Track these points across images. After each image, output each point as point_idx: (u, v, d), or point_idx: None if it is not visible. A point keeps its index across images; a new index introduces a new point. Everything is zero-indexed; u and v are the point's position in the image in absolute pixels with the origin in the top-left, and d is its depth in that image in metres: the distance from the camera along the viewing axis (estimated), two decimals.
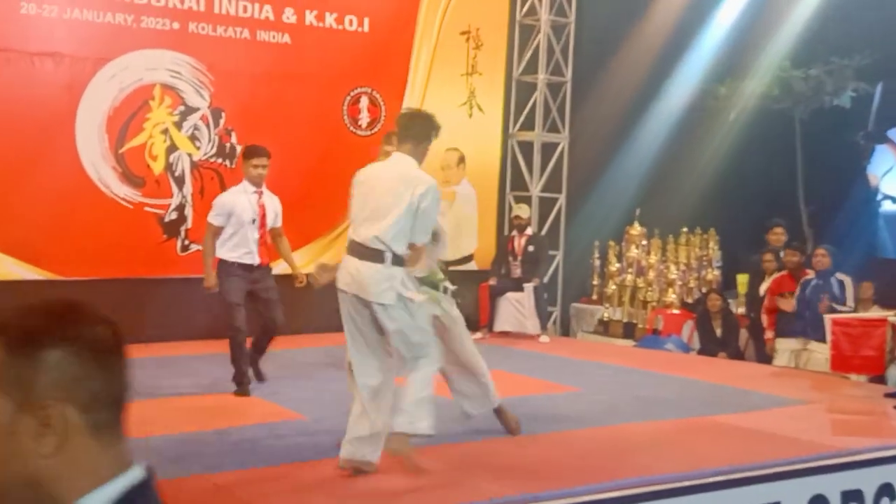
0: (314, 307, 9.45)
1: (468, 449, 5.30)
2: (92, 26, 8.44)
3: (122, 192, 8.68)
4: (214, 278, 6.60)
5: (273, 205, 6.92)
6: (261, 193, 6.80)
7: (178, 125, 8.99)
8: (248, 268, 6.62)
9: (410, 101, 10.10)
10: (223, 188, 9.11)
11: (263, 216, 6.75)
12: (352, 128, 9.81)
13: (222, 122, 9.16)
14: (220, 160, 9.18)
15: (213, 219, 6.66)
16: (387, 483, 4.61)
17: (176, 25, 8.82)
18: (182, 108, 8.93)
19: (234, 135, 9.22)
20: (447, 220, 10.51)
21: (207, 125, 9.10)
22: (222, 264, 6.61)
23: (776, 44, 10.94)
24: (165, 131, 8.88)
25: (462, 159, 10.39)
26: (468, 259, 10.46)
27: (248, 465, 4.83)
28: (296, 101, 9.41)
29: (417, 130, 4.79)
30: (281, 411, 6.10)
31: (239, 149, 9.20)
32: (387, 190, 4.65)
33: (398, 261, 4.58)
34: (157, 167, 8.88)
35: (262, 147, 6.97)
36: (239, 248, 6.59)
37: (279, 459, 4.97)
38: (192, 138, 9.06)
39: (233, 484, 4.50)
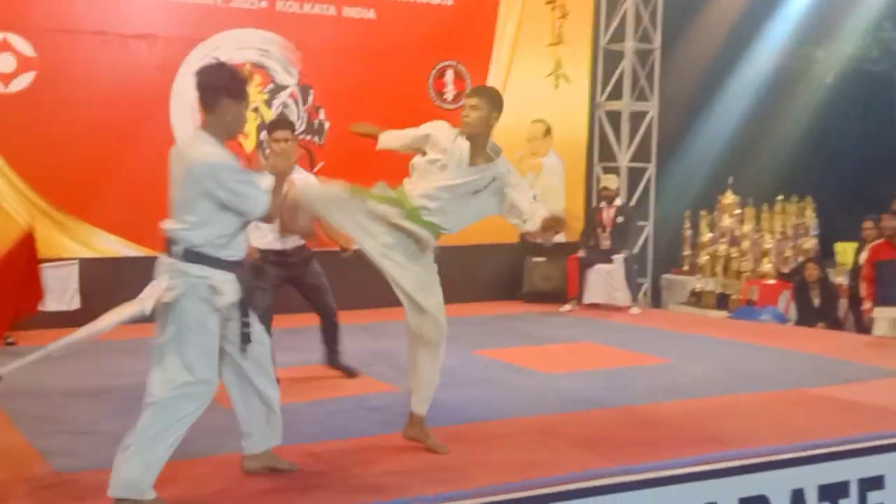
0: None
1: (557, 420, 5.30)
2: (184, 7, 8.63)
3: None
4: (253, 249, 5.73)
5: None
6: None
7: (268, 103, 9.14)
8: (282, 253, 6.00)
9: (495, 74, 10.07)
10: (312, 165, 9.26)
11: None
12: (437, 101, 9.82)
13: (311, 99, 9.28)
14: (309, 137, 9.30)
15: None
16: (493, 455, 4.64)
17: (264, 4, 8.95)
18: (271, 85, 9.07)
19: (322, 111, 9.32)
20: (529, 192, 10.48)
21: (296, 102, 9.23)
22: (259, 253, 5.93)
23: (874, 3, 10.52)
24: (256, 109, 9.04)
25: (548, 131, 10.33)
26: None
27: (345, 436, 4.92)
28: (382, 76, 9.46)
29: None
30: (374, 383, 6.18)
31: (328, 125, 9.33)
32: None
33: None
34: (249, 145, 9.05)
35: (285, 119, 6.35)
36: (269, 233, 5.86)
37: (374, 430, 5.05)
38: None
39: (329, 452, 4.59)
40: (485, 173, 4.65)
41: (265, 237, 5.86)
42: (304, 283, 6.18)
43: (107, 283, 8.38)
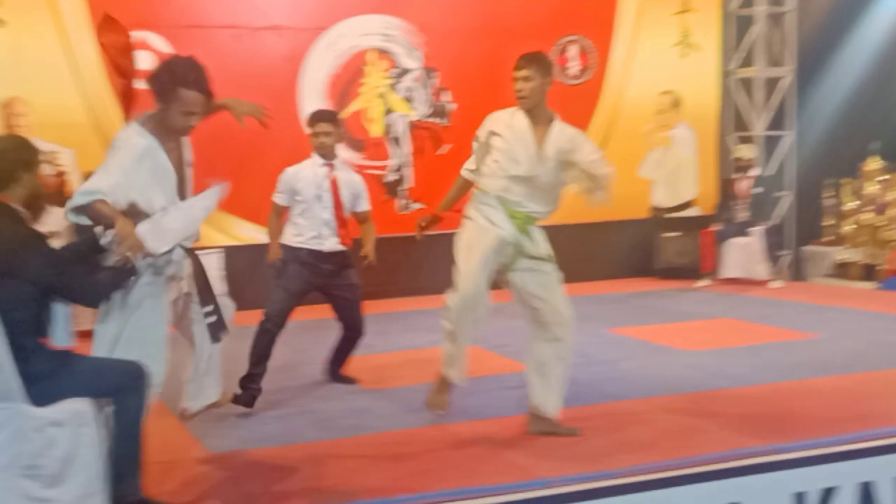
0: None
1: (700, 398, 5.15)
2: None
3: (344, 155, 8.98)
4: (277, 248, 5.52)
5: (351, 183, 5.65)
6: (332, 167, 5.56)
7: (393, 87, 9.20)
8: (317, 255, 5.45)
9: (620, 46, 9.85)
10: (437, 147, 9.30)
11: (336, 193, 5.53)
12: (561, 77, 9.66)
13: (436, 81, 9.28)
14: (434, 119, 9.32)
15: (276, 197, 5.60)
16: (635, 434, 4.56)
17: None
18: (396, 70, 9.12)
19: (446, 93, 9.32)
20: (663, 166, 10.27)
21: (421, 85, 9.25)
22: (287, 250, 5.49)
23: None
24: (382, 95, 9.11)
25: (677, 102, 10.05)
26: (688, 205, 10.12)
27: (483, 417, 4.91)
28: (505, 55, 9.28)
29: None
30: (510, 363, 6.15)
31: (452, 107, 9.33)
32: None
33: None
34: (376, 130, 9.14)
35: (327, 111, 5.96)
36: (306, 231, 5.47)
37: (512, 411, 5.02)
38: (407, 99, 9.25)
39: (468, 434, 4.59)
40: (550, 146, 4.52)
41: (301, 235, 5.47)
42: (335, 293, 5.52)
43: (248, 269, 8.66)
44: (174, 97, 3.85)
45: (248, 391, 5.20)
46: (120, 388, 3.52)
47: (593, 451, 4.30)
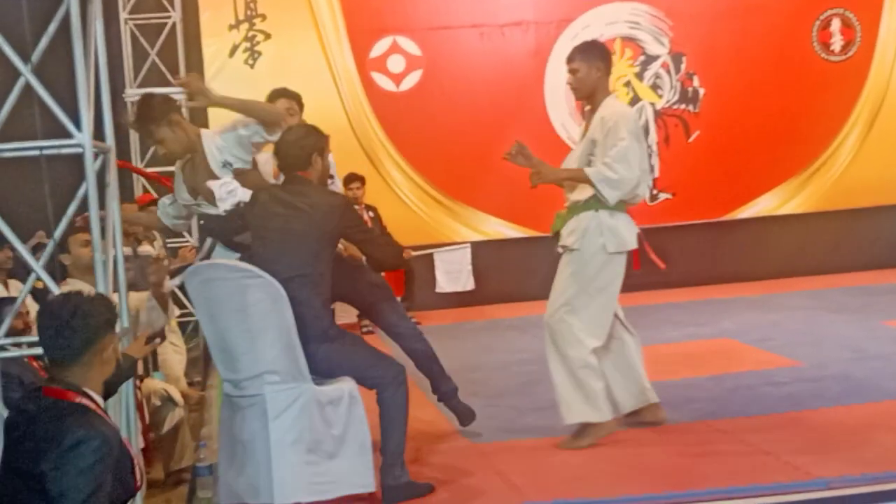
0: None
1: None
2: None
3: (573, 149, 8.92)
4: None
5: None
6: None
7: (640, 76, 9.00)
8: None
9: (891, 18, 9.11)
10: (687, 135, 8.99)
11: None
12: (823, 54, 9.07)
13: (683, 66, 9.00)
14: (683, 106, 9.03)
15: None
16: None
17: None
18: (643, 57, 8.92)
19: (696, 78, 9.01)
20: None
21: (668, 72, 9.00)
22: None
23: None
24: (628, 83, 8.94)
25: None
26: None
27: (750, 413, 4.68)
28: (760, 34, 8.93)
29: None
30: (774, 358, 5.84)
31: (702, 92, 8.99)
32: None
33: None
34: None
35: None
36: None
37: (780, 407, 4.75)
38: (654, 87, 9.03)
39: (736, 430, 4.38)
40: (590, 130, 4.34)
41: None
42: (353, 297, 4.67)
43: (495, 264, 8.81)
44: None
45: None
46: (384, 381, 3.73)
47: (878, 451, 3.97)
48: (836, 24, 9.07)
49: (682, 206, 8.96)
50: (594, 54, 4.41)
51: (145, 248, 6.22)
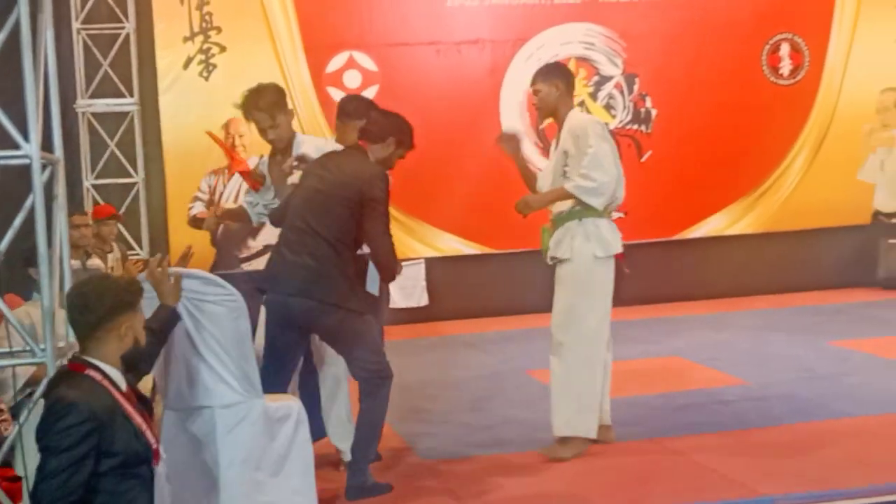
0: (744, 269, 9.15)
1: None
2: (509, 9, 8.82)
3: (544, 165, 8.94)
4: None
5: None
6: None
7: (594, 96, 9.09)
8: None
9: (838, 42, 9.29)
10: (640, 155, 9.10)
11: None
12: (773, 78, 9.24)
13: (636, 87, 9.10)
14: (636, 126, 9.13)
15: None
16: (869, 454, 4.26)
17: None
18: (596, 78, 9.01)
19: (648, 99, 9.12)
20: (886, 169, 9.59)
21: (621, 92, 9.10)
22: None
23: None
24: (582, 103, 9.01)
25: None
26: None
27: (698, 431, 4.73)
28: (711, 56, 9.07)
29: None
30: (723, 377, 5.91)
31: (654, 113, 9.11)
32: None
33: None
34: None
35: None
36: None
37: (728, 425, 4.81)
38: (607, 107, 9.11)
39: (685, 448, 4.43)
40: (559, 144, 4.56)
41: None
42: None
43: (450, 280, 8.81)
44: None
45: None
46: (380, 373, 3.92)
47: (822, 468, 4.03)
48: (785, 49, 9.25)
49: (633, 225, 8.97)
50: (554, 74, 4.59)
51: (94, 262, 6.14)
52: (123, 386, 2.77)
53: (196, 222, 8.42)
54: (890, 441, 4.42)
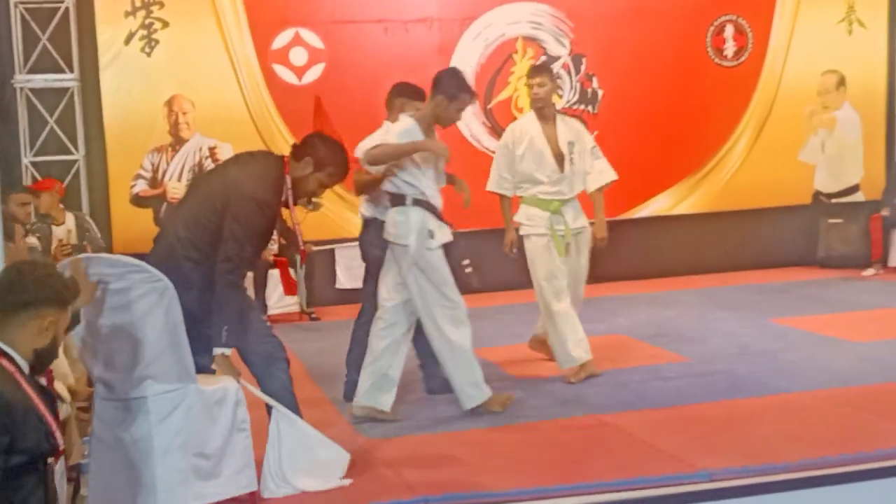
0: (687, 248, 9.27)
1: (874, 392, 4.86)
2: None
3: (492, 145, 8.95)
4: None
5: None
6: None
7: None
8: None
9: (781, 25, 9.43)
10: None
11: None
12: (717, 59, 9.34)
13: (583, 68, 9.14)
14: (582, 107, 9.17)
15: None
16: (802, 429, 4.35)
17: None
18: (544, 57, 9.01)
19: (595, 80, 9.16)
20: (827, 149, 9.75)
21: (569, 72, 9.13)
22: None
23: None
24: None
25: (841, 82, 9.53)
26: (854, 189, 9.59)
27: (638, 407, 4.80)
28: (657, 37, 9.13)
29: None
30: (665, 354, 6.00)
31: (601, 93, 9.16)
32: None
33: None
34: None
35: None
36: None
37: (668, 401, 4.89)
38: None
39: (626, 424, 4.49)
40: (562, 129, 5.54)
41: None
42: None
43: None
44: (458, 97, 4.73)
45: None
46: (269, 355, 3.78)
47: (758, 443, 4.11)
48: (729, 31, 9.35)
49: (580, 205, 9.10)
50: (551, 72, 5.67)
51: (31, 240, 6.03)
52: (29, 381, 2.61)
53: (139, 200, 8.31)
54: (823, 416, 4.52)
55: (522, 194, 5.57)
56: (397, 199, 4.73)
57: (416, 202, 4.66)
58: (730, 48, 9.36)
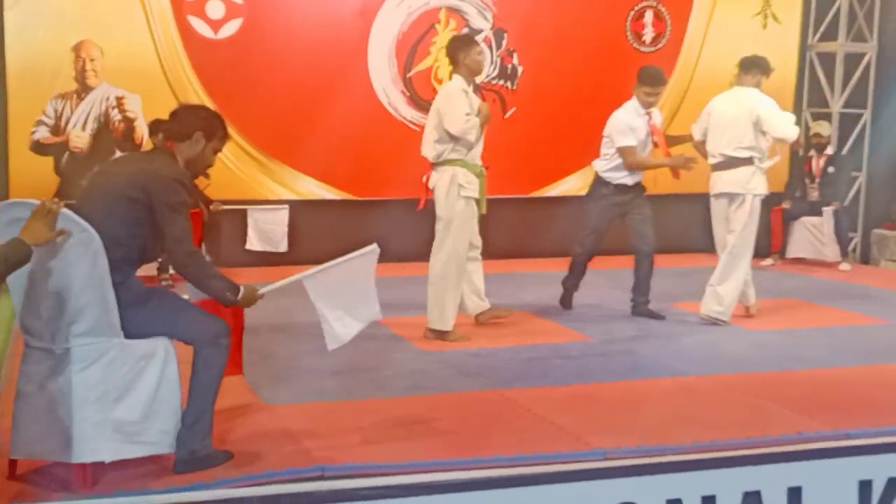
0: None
1: (765, 378, 5.03)
2: None
3: (410, 114, 8.92)
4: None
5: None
6: (650, 114, 7.00)
7: None
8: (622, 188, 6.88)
9: (699, 14, 9.58)
10: (504, 111, 9.16)
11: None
12: (635, 44, 9.45)
13: (504, 43, 9.14)
14: (501, 82, 9.18)
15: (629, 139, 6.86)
16: (697, 411, 4.46)
17: None
18: (466, 30, 8.97)
19: (515, 56, 9.17)
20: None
21: (490, 47, 9.11)
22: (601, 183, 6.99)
23: None
24: None
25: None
26: None
27: (540, 384, 4.86)
28: (577, 18, 9.19)
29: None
30: (568, 332, 6.08)
31: (521, 70, 9.17)
32: None
33: None
34: None
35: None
36: (619, 169, 6.85)
37: (569, 379, 4.96)
38: None
39: (526, 400, 4.54)
40: None
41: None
42: (634, 213, 6.90)
43: (309, 226, 8.66)
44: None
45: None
46: (202, 339, 3.60)
47: (654, 424, 4.21)
48: (648, 16, 9.46)
49: (493, 180, 9.01)
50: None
51: None
52: None
53: (39, 147, 7.99)
54: (716, 399, 4.65)
55: None
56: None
57: None
58: (648, 34, 9.47)
